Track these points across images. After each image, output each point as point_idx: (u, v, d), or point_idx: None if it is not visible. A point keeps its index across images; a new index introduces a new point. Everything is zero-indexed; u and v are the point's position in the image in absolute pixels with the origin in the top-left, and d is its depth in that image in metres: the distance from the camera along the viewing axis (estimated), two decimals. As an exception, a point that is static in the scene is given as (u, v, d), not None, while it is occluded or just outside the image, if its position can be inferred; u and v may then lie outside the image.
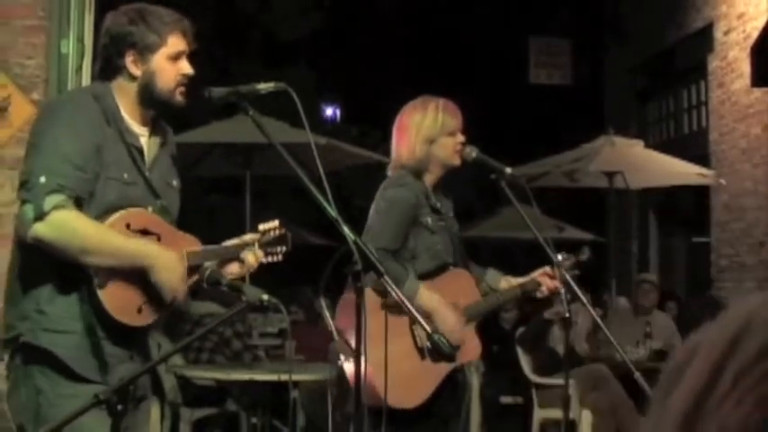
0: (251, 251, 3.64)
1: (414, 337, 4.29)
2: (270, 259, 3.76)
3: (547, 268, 4.59)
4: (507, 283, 4.68)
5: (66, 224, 3.19)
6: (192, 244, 3.53)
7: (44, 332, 3.27)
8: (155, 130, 3.59)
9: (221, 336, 7.72)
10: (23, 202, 3.22)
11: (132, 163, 3.44)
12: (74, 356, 3.28)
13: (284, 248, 3.79)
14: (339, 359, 4.43)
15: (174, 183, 3.65)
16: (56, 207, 3.17)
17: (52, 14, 5.68)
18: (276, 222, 3.76)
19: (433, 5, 16.16)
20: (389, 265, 4.00)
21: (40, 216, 3.16)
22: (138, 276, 3.31)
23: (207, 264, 3.46)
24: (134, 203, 3.41)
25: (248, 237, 3.70)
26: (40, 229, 3.17)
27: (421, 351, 4.28)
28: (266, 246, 3.72)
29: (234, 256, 3.61)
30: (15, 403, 3.38)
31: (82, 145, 3.29)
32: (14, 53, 5.65)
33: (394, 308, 3.96)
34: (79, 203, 3.25)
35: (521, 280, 4.66)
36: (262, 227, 3.74)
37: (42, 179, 3.19)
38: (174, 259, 3.36)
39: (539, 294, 4.68)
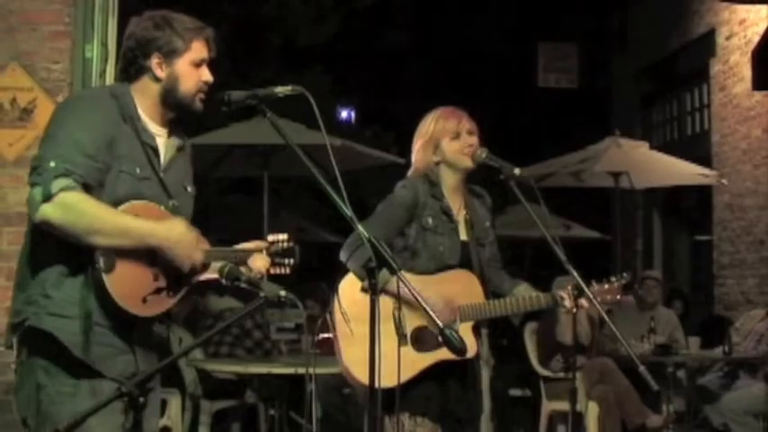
0: (260, 257, 3.67)
1: (395, 322, 4.29)
2: (277, 270, 3.75)
3: (569, 289, 4.51)
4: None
5: (73, 205, 3.18)
6: (200, 243, 3.50)
7: (48, 316, 3.26)
8: (172, 133, 3.60)
9: (243, 327, 7.86)
10: (33, 185, 3.22)
11: (147, 160, 3.45)
12: (75, 342, 3.26)
13: (292, 261, 3.77)
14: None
15: (189, 188, 3.65)
16: (63, 189, 3.17)
17: (77, 20, 5.79)
18: (285, 235, 3.76)
19: (444, 13, 16.28)
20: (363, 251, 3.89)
21: (48, 197, 3.16)
22: (146, 265, 3.31)
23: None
24: (145, 199, 3.40)
25: (257, 244, 3.71)
26: (48, 211, 3.17)
27: (402, 337, 4.27)
28: (274, 255, 3.72)
29: (241, 260, 3.61)
30: (20, 398, 3.38)
31: (94, 135, 3.30)
32: (41, 58, 5.78)
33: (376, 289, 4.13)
34: (88, 190, 3.24)
35: (542, 295, 4.60)
36: (271, 237, 3.74)
37: (52, 164, 3.20)
38: (182, 230, 3.37)
39: (558, 311, 4.65)
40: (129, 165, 3.39)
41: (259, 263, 3.66)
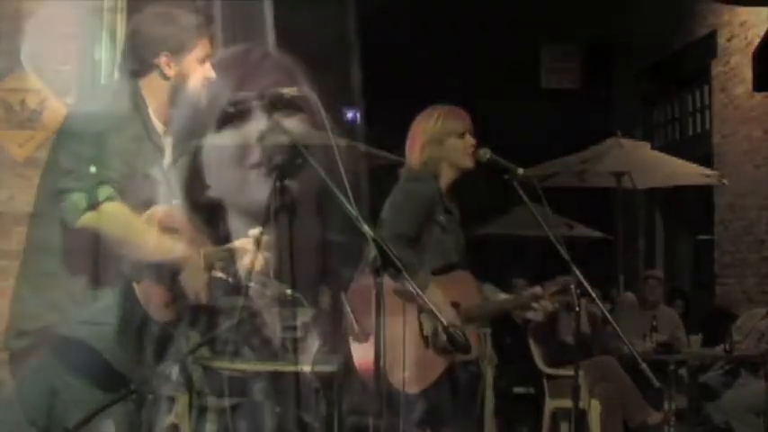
0: (247, 254, 3.62)
1: (420, 325, 4.37)
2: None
3: (537, 289, 4.59)
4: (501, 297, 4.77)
5: (117, 216, 3.21)
6: (205, 244, 3.56)
7: (82, 324, 3.26)
8: (168, 131, 3.61)
9: (252, 324, 7.92)
10: (71, 190, 3.20)
11: (156, 161, 3.48)
12: (110, 349, 3.28)
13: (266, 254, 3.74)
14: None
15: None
16: (108, 198, 3.19)
17: (86, 22, 5.91)
18: (259, 229, 3.70)
19: (446, 14, 16.30)
20: (404, 252, 4.02)
21: (94, 205, 3.18)
22: (167, 274, 3.33)
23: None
24: (159, 202, 3.42)
25: (243, 241, 3.67)
26: (93, 219, 3.18)
27: (425, 340, 4.34)
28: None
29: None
30: (26, 400, 3.37)
31: (126, 140, 3.31)
32: (50, 59, 5.90)
33: (404, 294, 4.13)
34: (122, 197, 3.25)
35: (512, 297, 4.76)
36: (251, 232, 3.70)
37: (92, 169, 3.20)
38: (200, 264, 3.39)
39: (530, 315, 4.81)
40: (147, 167, 3.42)
41: (247, 260, 3.63)
